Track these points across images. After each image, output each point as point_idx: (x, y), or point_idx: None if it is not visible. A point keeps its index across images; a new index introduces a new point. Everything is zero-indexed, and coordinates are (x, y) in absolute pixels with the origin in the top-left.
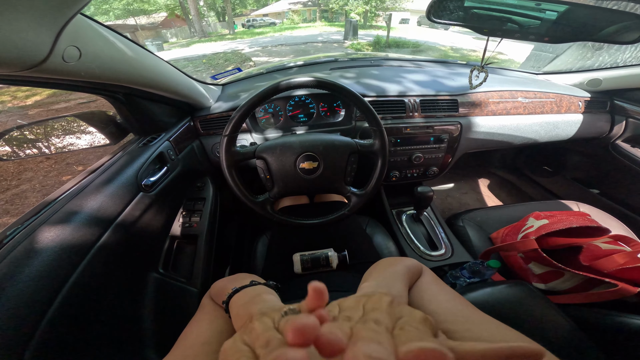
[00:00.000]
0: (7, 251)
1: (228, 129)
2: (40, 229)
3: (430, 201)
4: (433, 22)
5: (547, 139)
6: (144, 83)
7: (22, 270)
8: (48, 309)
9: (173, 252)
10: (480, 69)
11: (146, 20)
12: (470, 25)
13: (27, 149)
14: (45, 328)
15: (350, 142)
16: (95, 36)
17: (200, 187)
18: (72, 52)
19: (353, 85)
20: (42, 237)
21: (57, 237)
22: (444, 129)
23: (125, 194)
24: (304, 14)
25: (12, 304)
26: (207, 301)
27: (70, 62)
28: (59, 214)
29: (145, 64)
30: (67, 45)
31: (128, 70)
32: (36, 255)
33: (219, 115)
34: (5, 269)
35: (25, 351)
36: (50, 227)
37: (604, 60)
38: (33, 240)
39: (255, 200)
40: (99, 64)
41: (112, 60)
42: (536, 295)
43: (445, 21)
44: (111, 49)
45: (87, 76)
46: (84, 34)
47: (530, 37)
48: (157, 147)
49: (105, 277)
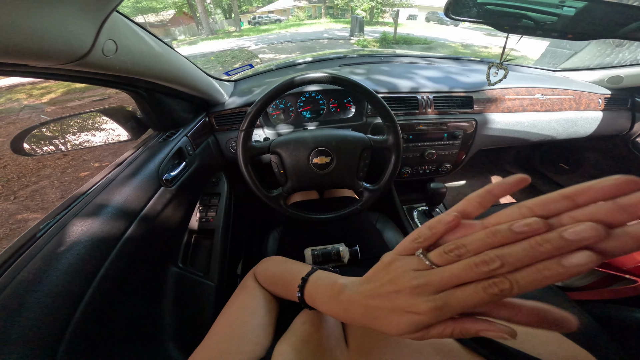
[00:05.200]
0: (42, 245)
1: (245, 123)
2: (72, 223)
3: (443, 197)
4: (452, 19)
5: (565, 136)
6: (167, 78)
7: (56, 264)
8: (80, 302)
9: (191, 247)
10: (499, 65)
11: (155, 18)
12: (490, 22)
13: (49, 146)
14: (77, 322)
15: (363, 138)
16: (129, 31)
17: (215, 183)
18: (110, 46)
19: (364, 81)
20: (73, 230)
21: (87, 230)
22: (458, 126)
23: (147, 188)
24: (309, 10)
25: (48, 299)
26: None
27: (109, 56)
28: (89, 207)
29: (169, 59)
30: (107, 39)
31: (155, 65)
32: (69, 248)
33: (232, 110)
34: (40, 262)
35: (59, 345)
36: (80, 220)
37: (624, 57)
38: (65, 234)
39: (270, 194)
40: (131, 57)
41: (141, 55)
42: (553, 291)
43: (464, 18)
44: (141, 44)
45: (121, 70)
46: (120, 28)
47: (552, 34)
48: (176, 143)
49: (130, 271)
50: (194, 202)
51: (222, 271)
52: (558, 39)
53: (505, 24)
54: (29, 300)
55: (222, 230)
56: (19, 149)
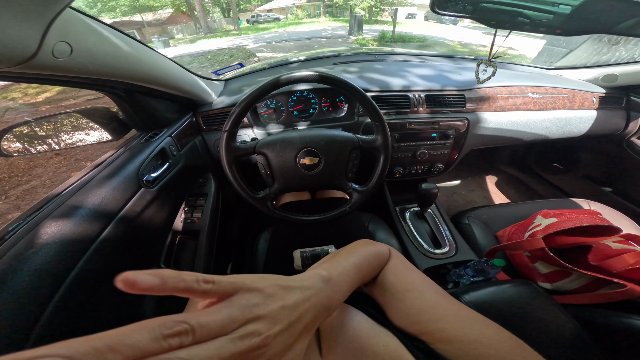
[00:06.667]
0: (9, 246)
1: (228, 124)
2: (43, 224)
3: (434, 198)
4: (437, 14)
5: (559, 135)
6: (142, 79)
7: (23, 265)
8: (48, 304)
9: (175, 248)
10: (488, 62)
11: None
12: (477, 17)
13: (34, 145)
14: (44, 323)
15: (351, 138)
16: (88, 31)
17: (202, 183)
18: (62, 48)
19: (356, 79)
20: (44, 232)
21: (58, 231)
22: (450, 125)
23: (126, 189)
24: (308, 9)
25: (14, 298)
26: None
27: (61, 58)
28: (61, 209)
29: (142, 59)
30: (57, 41)
31: (124, 66)
32: (38, 250)
33: (220, 110)
34: (7, 263)
35: (24, 345)
36: (52, 221)
37: (621, 55)
38: (35, 235)
39: (256, 196)
40: (92, 59)
41: (106, 56)
42: (541, 295)
43: (450, 13)
44: (105, 44)
45: (81, 72)
46: (75, 29)
47: (540, 30)
48: (159, 143)
49: (106, 272)
50: (179, 203)
51: (206, 272)
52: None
53: (493, 19)
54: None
55: (208, 231)
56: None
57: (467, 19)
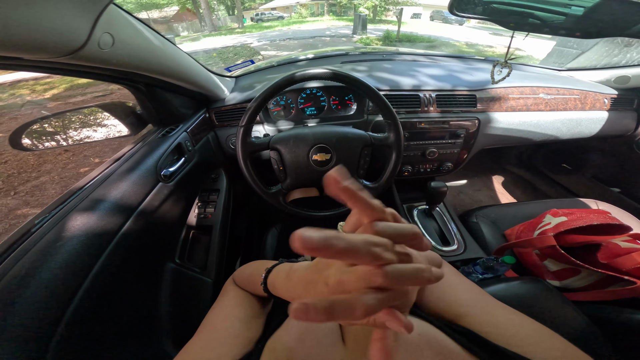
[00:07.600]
0: (36, 240)
1: (244, 119)
2: (68, 217)
3: (443, 196)
4: (456, 16)
5: (569, 136)
6: (166, 72)
7: (50, 258)
8: (73, 298)
9: (189, 243)
10: (503, 63)
11: (158, 14)
12: (495, 19)
13: (49, 141)
14: (70, 317)
15: (363, 135)
16: (127, 25)
17: (214, 179)
18: (106, 39)
19: (366, 78)
20: (69, 225)
21: (83, 225)
22: (461, 125)
23: (145, 183)
24: (312, 8)
25: (41, 295)
26: (232, 287)
27: (105, 49)
28: (85, 202)
29: (167, 53)
30: (103, 32)
31: (153, 59)
32: (63, 243)
33: (232, 106)
34: (34, 258)
35: (51, 339)
36: (77, 215)
37: (632, 57)
38: (61, 229)
39: (269, 191)
40: (128, 51)
41: (139, 49)
42: (552, 292)
43: (469, 15)
44: (139, 38)
45: (118, 64)
46: (117, 21)
47: (560, 32)
48: (175, 138)
49: (126, 266)
50: (193, 198)
51: (219, 268)
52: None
53: (512, 21)
54: (21, 294)
55: (220, 226)
56: (16, 143)
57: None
